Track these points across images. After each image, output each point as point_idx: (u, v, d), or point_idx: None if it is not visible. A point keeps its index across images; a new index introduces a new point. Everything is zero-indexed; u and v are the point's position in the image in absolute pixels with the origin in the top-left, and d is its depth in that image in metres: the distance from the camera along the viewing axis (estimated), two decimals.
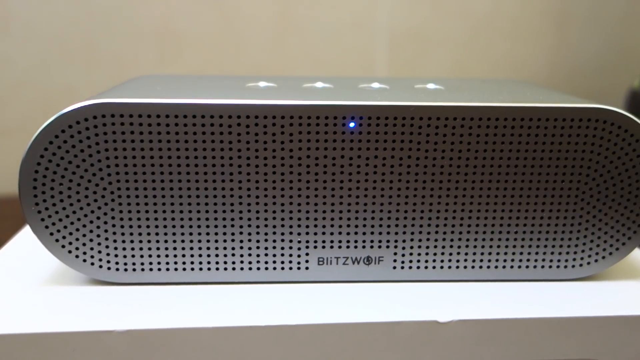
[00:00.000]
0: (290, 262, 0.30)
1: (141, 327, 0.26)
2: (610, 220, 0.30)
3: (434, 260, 0.30)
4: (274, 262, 0.30)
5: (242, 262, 0.29)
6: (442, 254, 0.30)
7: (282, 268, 0.30)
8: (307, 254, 0.30)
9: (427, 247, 0.30)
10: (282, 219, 0.29)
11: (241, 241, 0.29)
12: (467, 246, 0.30)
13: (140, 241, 0.29)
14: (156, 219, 0.28)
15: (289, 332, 0.26)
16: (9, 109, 0.65)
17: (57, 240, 0.28)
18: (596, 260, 0.30)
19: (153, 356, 0.26)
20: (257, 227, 0.29)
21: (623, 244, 0.30)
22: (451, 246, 0.30)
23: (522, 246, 0.30)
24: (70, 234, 0.28)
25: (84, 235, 0.28)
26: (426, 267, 0.30)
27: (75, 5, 0.64)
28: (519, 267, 0.30)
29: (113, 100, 0.27)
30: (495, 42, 0.71)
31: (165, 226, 0.29)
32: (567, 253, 0.30)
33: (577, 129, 0.28)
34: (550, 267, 0.30)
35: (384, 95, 0.30)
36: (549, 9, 0.71)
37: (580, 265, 0.30)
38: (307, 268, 0.30)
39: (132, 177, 0.28)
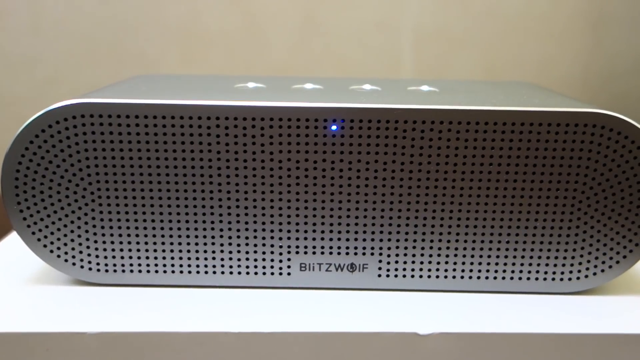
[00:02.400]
0: (272, 267, 0.29)
1: (113, 329, 0.26)
2: (610, 231, 0.28)
3: (421, 269, 0.29)
4: (255, 266, 0.29)
5: (222, 265, 0.29)
6: (430, 262, 0.29)
7: (264, 273, 0.29)
8: (289, 259, 0.29)
9: (414, 255, 0.29)
10: (263, 223, 0.28)
11: (222, 244, 0.29)
12: (455, 255, 0.29)
13: (121, 242, 0.28)
14: (136, 220, 0.28)
15: (262, 340, 0.26)
16: (39, 106, 0.66)
17: (39, 240, 0.28)
18: (594, 274, 0.29)
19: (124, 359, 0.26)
20: (238, 230, 0.28)
21: (624, 257, 0.28)
22: (439, 255, 0.29)
23: (515, 256, 0.29)
24: (52, 233, 0.28)
25: (65, 235, 0.28)
26: (412, 276, 0.29)
27: (103, 5, 0.65)
28: (511, 278, 0.29)
29: (91, 100, 0.27)
30: (526, 42, 0.69)
31: (145, 228, 0.28)
32: (563, 265, 0.29)
33: (573, 134, 0.27)
34: (544, 279, 0.29)
35: (371, 97, 0.29)
36: (584, 8, 0.68)
37: (578, 278, 0.29)
38: (289, 274, 0.29)
39: (112, 178, 0.28)
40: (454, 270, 0.29)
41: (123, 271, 0.29)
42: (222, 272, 0.29)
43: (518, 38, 0.69)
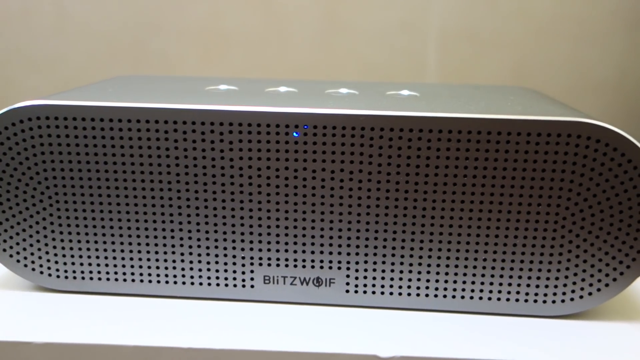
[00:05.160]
0: (235, 278, 0.28)
1: (60, 340, 0.25)
2: (598, 251, 0.26)
3: (392, 286, 0.27)
4: (217, 277, 0.28)
5: (183, 275, 0.28)
6: (401, 279, 0.27)
7: (226, 285, 0.28)
8: (252, 271, 0.27)
9: (384, 271, 0.27)
10: (225, 232, 0.27)
11: (182, 254, 0.27)
12: (428, 272, 0.27)
13: (80, 249, 0.28)
14: (95, 226, 0.27)
15: (211, 358, 0.24)
16: None
17: None
18: (581, 297, 0.26)
19: None
20: (199, 239, 0.27)
21: (614, 280, 0.26)
22: (410, 271, 0.27)
23: (493, 275, 0.27)
24: (11, 237, 0.27)
25: (25, 240, 0.27)
26: (382, 293, 0.27)
27: (125, 6, 0.65)
28: (489, 298, 0.27)
29: (49, 101, 0.26)
30: (558, 45, 0.65)
31: (104, 234, 0.27)
32: (547, 286, 0.26)
33: (556, 145, 0.25)
34: (526, 300, 0.27)
35: (342, 102, 0.27)
36: (621, 9, 0.65)
37: (563, 300, 0.27)
38: (252, 286, 0.28)
39: (70, 182, 0.27)
40: (427, 287, 0.27)
41: (83, 278, 0.28)
42: (183, 283, 0.28)
43: (549, 40, 0.66)
